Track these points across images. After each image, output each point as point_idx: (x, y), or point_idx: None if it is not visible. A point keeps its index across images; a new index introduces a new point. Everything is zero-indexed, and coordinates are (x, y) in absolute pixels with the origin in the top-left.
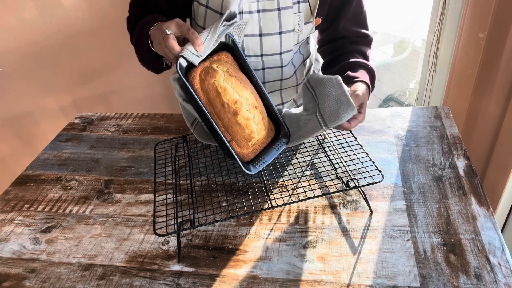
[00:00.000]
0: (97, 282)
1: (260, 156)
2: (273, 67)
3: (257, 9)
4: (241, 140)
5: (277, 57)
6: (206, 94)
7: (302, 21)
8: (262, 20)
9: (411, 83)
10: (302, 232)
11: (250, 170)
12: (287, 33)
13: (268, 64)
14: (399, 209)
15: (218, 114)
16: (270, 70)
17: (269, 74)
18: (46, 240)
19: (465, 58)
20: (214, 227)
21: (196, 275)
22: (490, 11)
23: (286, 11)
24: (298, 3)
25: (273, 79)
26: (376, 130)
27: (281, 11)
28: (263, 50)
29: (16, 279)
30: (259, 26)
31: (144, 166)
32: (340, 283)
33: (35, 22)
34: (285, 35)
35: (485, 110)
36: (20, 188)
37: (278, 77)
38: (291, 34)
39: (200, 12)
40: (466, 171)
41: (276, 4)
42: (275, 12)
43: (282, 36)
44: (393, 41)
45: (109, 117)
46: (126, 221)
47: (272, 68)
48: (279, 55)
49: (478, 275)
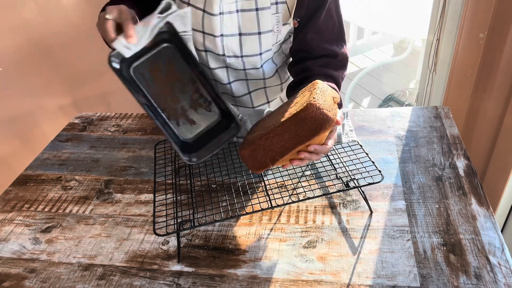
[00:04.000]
0: (97, 282)
1: (206, 144)
2: (254, 68)
3: (236, 9)
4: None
5: (257, 57)
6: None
7: (280, 22)
8: (241, 20)
9: (411, 83)
10: (302, 232)
11: (191, 160)
12: (266, 34)
13: (248, 65)
14: (399, 209)
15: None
16: (251, 70)
17: (250, 74)
18: (46, 240)
19: (465, 58)
20: (214, 227)
21: (196, 275)
22: (490, 11)
23: (264, 11)
24: (276, 4)
25: (254, 77)
26: (376, 130)
27: (259, 12)
28: (243, 51)
29: (16, 279)
30: (239, 26)
31: (144, 166)
32: (340, 283)
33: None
34: (264, 35)
35: (485, 110)
36: (20, 188)
37: (259, 76)
38: (269, 35)
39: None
40: (466, 171)
41: (255, 5)
42: (253, 12)
43: (261, 37)
44: (393, 41)
45: (109, 117)
46: (126, 221)
47: (252, 69)
48: (259, 56)
49: (478, 275)
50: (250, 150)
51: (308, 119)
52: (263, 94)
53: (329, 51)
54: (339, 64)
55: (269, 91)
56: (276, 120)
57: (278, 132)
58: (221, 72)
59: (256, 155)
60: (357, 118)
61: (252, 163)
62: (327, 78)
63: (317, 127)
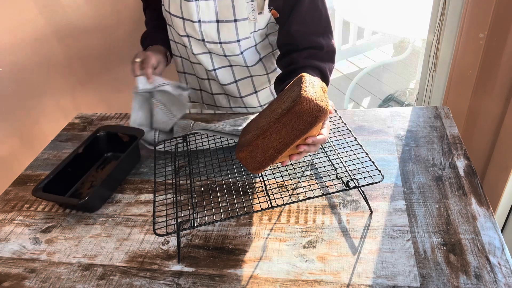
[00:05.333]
0: (97, 282)
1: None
2: (233, 55)
3: None
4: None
5: (235, 44)
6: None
7: (256, 10)
8: (218, 7)
9: (411, 83)
10: (302, 232)
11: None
12: (242, 21)
13: (228, 52)
14: (399, 209)
15: None
16: (232, 57)
17: (233, 60)
18: (46, 240)
19: (465, 58)
20: (214, 227)
21: (196, 275)
22: (490, 11)
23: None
24: None
25: (237, 64)
26: (376, 130)
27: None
28: (221, 38)
29: (16, 279)
30: (216, 12)
31: (144, 166)
32: (340, 283)
33: (35, 22)
34: (240, 22)
35: (485, 110)
36: (20, 188)
37: (241, 63)
38: (246, 22)
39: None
40: (466, 171)
41: None
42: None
43: (237, 24)
44: (393, 41)
45: (109, 117)
46: (126, 221)
47: (232, 56)
48: (236, 43)
49: (478, 275)
50: (248, 151)
51: (303, 112)
52: (250, 83)
53: (315, 43)
54: (325, 56)
55: (256, 80)
56: (270, 118)
57: (275, 130)
58: (205, 58)
59: (255, 156)
60: (357, 118)
61: (251, 164)
62: (313, 70)
63: (313, 119)
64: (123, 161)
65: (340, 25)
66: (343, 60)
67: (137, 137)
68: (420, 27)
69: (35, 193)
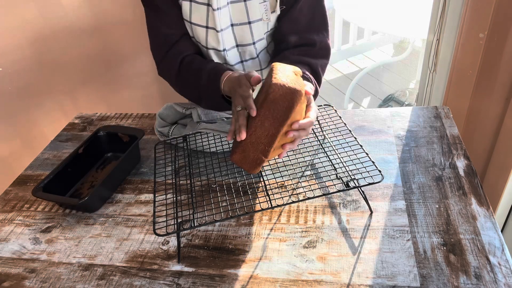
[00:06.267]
0: (97, 282)
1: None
2: (250, 59)
3: (227, 2)
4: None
5: (251, 47)
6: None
7: (268, 10)
8: (232, 12)
9: (411, 83)
10: (302, 232)
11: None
12: (256, 23)
13: (245, 56)
14: (399, 209)
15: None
16: (249, 62)
17: (248, 66)
18: (46, 240)
19: (465, 58)
20: (214, 227)
21: (196, 275)
22: (490, 11)
23: (252, 1)
24: None
25: (252, 69)
26: (376, 130)
27: (247, 2)
28: (237, 40)
29: (16, 279)
30: (230, 17)
31: (144, 166)
32: (340, 283)
33: (35, 22)
34: (254, 24)
35: (485, 110)
36: (20, 188)
37: (257, 67)
38: (260, 23)
39: (184, 7)
40: (466, 171)
41: None
42: (242, 3)
43: (252, 26)
44: (393, 41)
45: (109, 117)
46: (126, 221)
47: (250, 60)
48: (252, 45)
49: (478, 275)
50: (239, 152)
51: (278, 99)
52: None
53: (307, 40)
54: (319, 53)
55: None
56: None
57: (258, 124)
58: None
59: (248, 155)
60: (357, 118)
61: (247, 164)
62: (303, 65)
63: (289, 103)
64: (123, 161)
65: (340, 25)
66: (343, 60)
67: (137, 137)
68: (420, 27)
69: (35, 193)
